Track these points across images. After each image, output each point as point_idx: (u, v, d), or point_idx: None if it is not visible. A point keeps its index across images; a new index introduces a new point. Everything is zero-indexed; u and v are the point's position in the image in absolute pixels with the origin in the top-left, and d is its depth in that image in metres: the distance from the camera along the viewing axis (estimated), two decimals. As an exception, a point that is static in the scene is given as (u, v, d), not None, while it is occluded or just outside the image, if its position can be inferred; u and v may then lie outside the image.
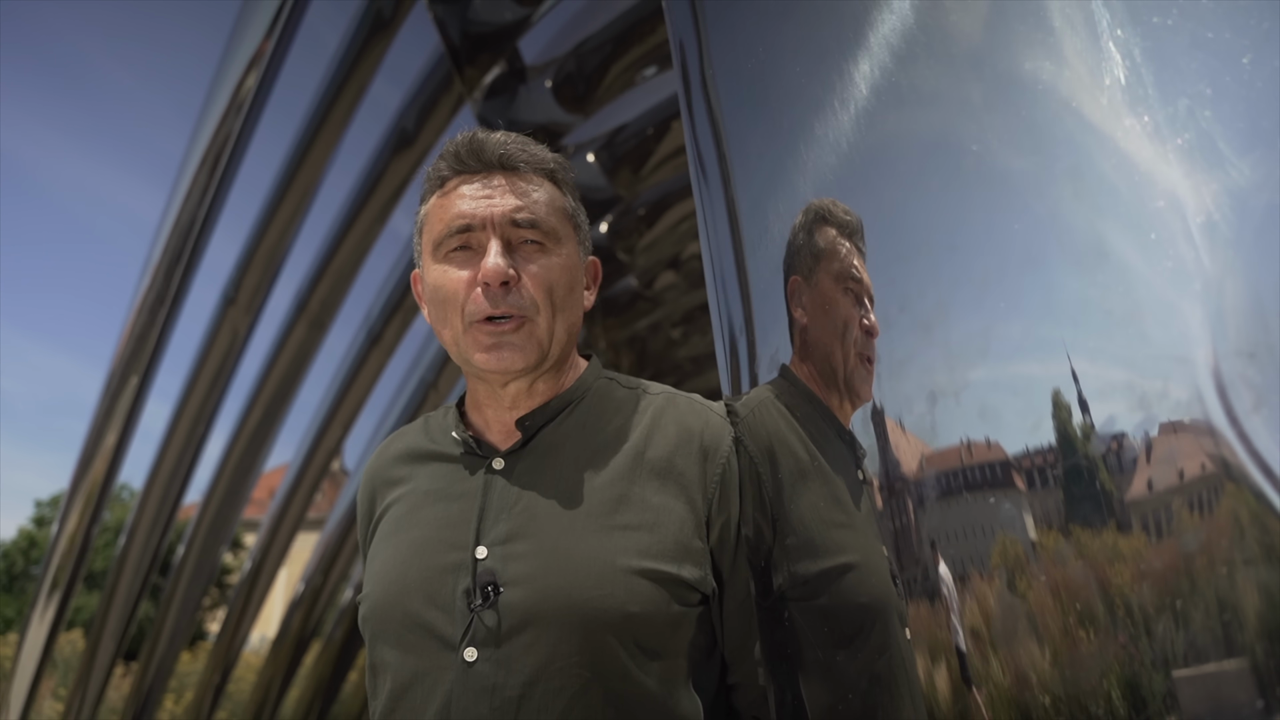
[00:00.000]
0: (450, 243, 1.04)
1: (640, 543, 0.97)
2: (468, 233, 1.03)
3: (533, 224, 1.04)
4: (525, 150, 1.07)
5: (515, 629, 0.94)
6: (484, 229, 1.03)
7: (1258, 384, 0.55)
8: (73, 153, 66.13)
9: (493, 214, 1.03)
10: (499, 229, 1.03)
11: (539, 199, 1.06)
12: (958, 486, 0.77)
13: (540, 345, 1.04)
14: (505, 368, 1.03)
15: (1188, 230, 0.62)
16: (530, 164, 1.07)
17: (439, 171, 1.08)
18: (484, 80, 4.54)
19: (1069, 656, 0.70)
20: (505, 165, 1.06)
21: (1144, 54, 0.67)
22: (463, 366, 1.10)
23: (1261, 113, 0.61)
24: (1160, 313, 0.61)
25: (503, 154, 1.05)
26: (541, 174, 1.08)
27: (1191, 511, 0.61)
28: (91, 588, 15.36)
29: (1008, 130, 0.72)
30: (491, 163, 1.05)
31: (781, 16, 1.11)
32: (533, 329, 1.03)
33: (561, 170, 1.11)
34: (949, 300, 0.73)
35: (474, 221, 1.03)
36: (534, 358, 1.04)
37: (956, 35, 0.79)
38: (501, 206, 1.03)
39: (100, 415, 5.65)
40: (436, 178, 1.09)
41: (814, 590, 0.94)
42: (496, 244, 1.02)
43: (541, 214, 1.05)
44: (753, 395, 1.09)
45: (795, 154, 1.02)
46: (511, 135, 1.08)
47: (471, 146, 1.05)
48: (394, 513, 1.10)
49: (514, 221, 1.03)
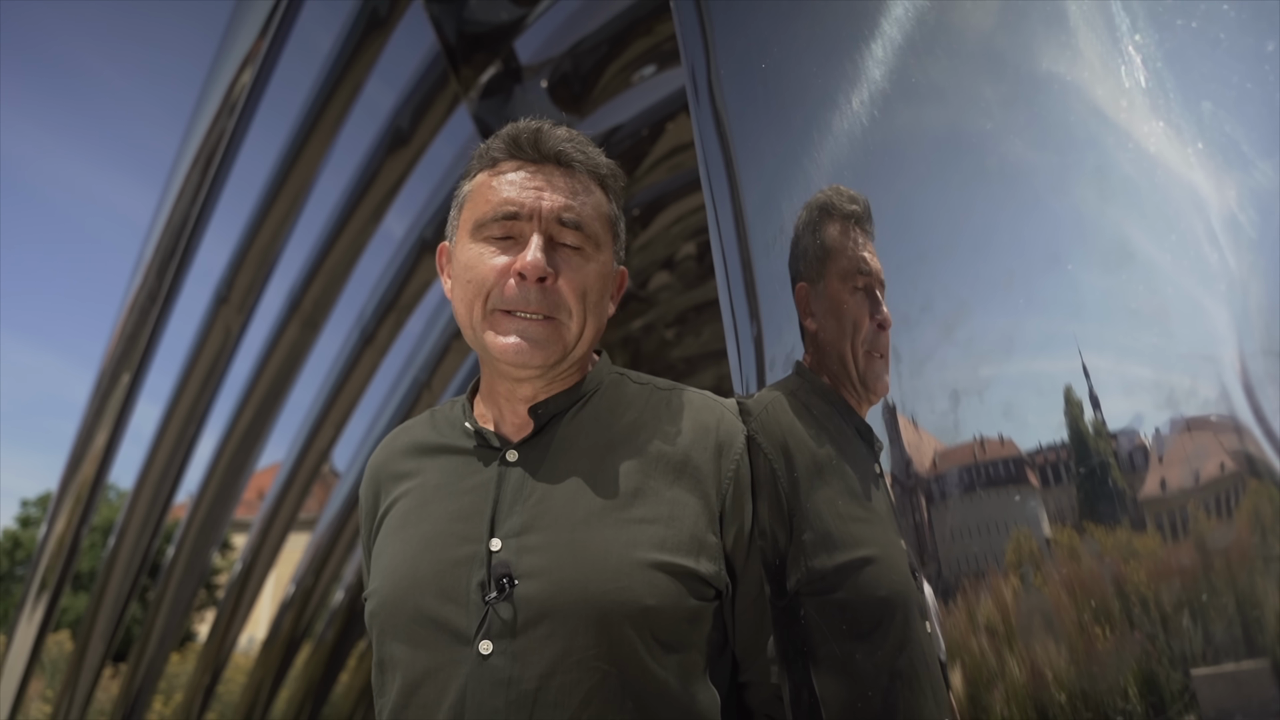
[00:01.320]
0: (493, 227, 1.04)
1: (656, 536, 0.98)
2: (513, 220, 1.03)
3: (577, 225, 1.04)
4: (582, 151, 1.07)
5: (531, 622, 0.94)
6: (530, 220, 1.03)
7: (1285, 382, 0.56)
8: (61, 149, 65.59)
9: (541, 207, 1.03)
10: (544, 223, 1.03)
11: (587, 201, 1.06)
12: (979, 482, 0.77)
13: (564, 347, 1.04)
14: (524, 361, 1.02)
15: (1211, 231, 0.63)
16: (584, 165, 1.07)
17: (491, 151, 1.08)
18: (480, 80, 4.54)
19: (1089, 649, 0.71)
20: (561, 161, 1.06)
21: (1165, 57, 0.68)
22: (479, 352, 1.09)
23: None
24: (1186, 312, 0.62)
25: (560, 150, 1.05)
26: (593, 177, 1.09)
27: (1216, 510, 0.62)
28: (77, 589, 15.23)
29: (1029, 130, 0.73)
30: (548, 155, 1.05)
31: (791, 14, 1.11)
32: (560, 329, 1.03)
33: (612, 178, 1.11)
34: (971, 300, 0.74)
35: (522, 211, 1.03)
36: (554, 357, 1.03)
37: (977, 35, 0.80)
38: (550, 202, 1.03)
39: (90, 415, 5.60)
40: (487, 156, 1.08)
41: (832, 585, 0.95)
42: (539, 238, 1.02)
43: (587, 216, 1.05)
44: (765, 393, 1.09)
45: (808, 150, 1.02)
46: (573, 133, 1.08)
47: (533, 135, 1.05)
48: (401, 507, 1.09)
49: (560, 219, 1.03)
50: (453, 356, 6.46)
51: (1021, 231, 0.72)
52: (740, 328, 1.16)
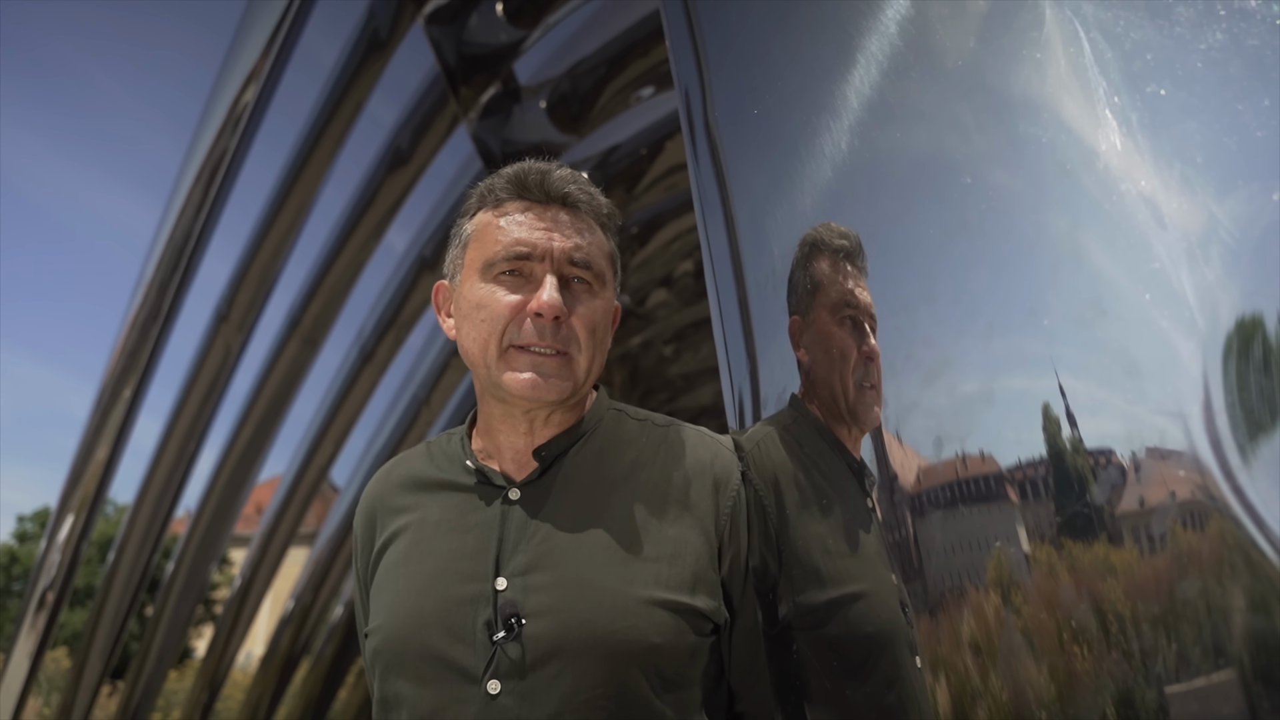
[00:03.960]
0: (504, 265, 1.06)
1: (660, 574, 0.99)
2: (525, 260, 1.05)
3: (587, 264, 1.07)
4: (586, 191, 1.10)
5: (540, 661, 0.95)
6: (543, 260, 1.05)
7: (1253, 442, 0.58)
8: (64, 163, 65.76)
9: (553, 248, 1.05)
10: (557, 264, 1.05)
11: (592, 241, 1.09)
12: (965, 518, 0.80)
13: (576, 382, 1.06)
14: (539, 396, 1.04)
15: (1182, 287, 0.66)
16: (588, 206, 1.10)
17: (496, 191, 1.10)
18: (479, 100, 4.58)
19: (1080, 686, 0.72)
20: (567, 202, 1.08)
21: (1139, 121, 0.71)
22: (487, 388, 1.10)
23: (1256, 177, 0.65)
24: (1157, 365, 0.65)
25: (567, 192, 1.08)
26: (595, 218, 1.11)
27: (1187, 544, 0.64)
28: (74, 605, 15.18)
29: (1010, 187, 0.76)
30: (555, 197, 1.08)
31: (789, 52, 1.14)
32: (572, 365, 1.05)
33: (610, 218, 1.14)
34: (953, 346, 0.76)
35: (534, 252, 1.05)
36: (567, 392, 1.05)
37: (963, 93, 0.82)
38: (562, 243, 1.06)
39: (91, 430, 5.61)
40: (491, 195, 1.10)
41: (822, 620, 0.97)
42: (553, 279, 1.04)
43: (595, 255, 1.08)
44: (758, 428, 1.12)
45: (799, 185, 1.05)
46: (575, 174, 1.10)
47: (540, 177, 1.08)
48: (401, 543, 1.09)
49: (571, 260, 1.06)
50: (451, 374, 6.49)
51: (1002, 281, 0.74)
52: (734, 363, 1.18)
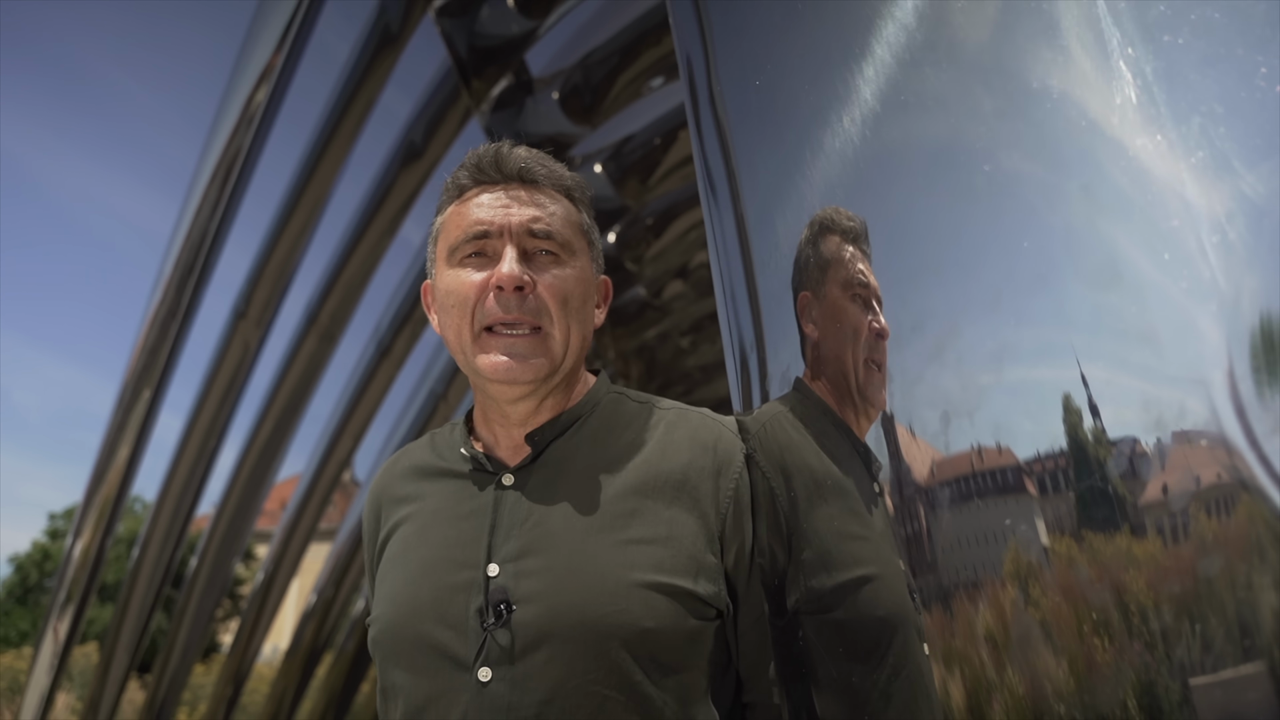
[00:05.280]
0: (466, 248, 1.05)
1: (654, 557, 0.97)
2: (484, 239, 1.05)
3: (548, 234, 1.05)
4: (544, 165, 1.09)
5: (529, 647, 0.93)
6: (500, 236, 1.04)
7: (1274, 405, 0.55)
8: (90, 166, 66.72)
9: (510, 222, 1.04)
10: (516, 237, 1.04)
11: (555, 212, 1.07)
12: (973, 499, 0.76)
13: (553, 358, 1.04)
14: (514, 378, 1.02)
15: (1203, 248, 0.62)
16: (548, 179, 1.09)
17: (458, 181, 1.10)
18: (491, 93, 4.56)
19: (1088, 668, 0.69)
20: (524, 178, 1.08)
21: (1155, 72, 0.67)
22: (470, 377, 1.10)
23: (1276, 129, 0.61)
24: (1176, 332, 0.61)
25: (522, 167, 1.07)
26: (558, 189, 1.10)
27: (1209, 526, 0.60)
28: (106, 600, 15.41)
29: (1019, 148, 0.72)
30: (511, 174, 1.07)
31: (788, 29, 1.11)
32: (546, 340, 1.03)
33: (578, 188, 1.13)
34: (961, 319, 0.73)
35: (491, 228, 1.04)
36: (544, 370, 1.03)
37: (967, 53, 0.79)
38: (519, 216, 1.05)
39: (113, 428, 5.68)
40: (455, 187, 1.10)
41: (829, 605, 0.94)
42: (513, 250, 1.03)
43: (557, 226, 1.06)
44: (764, 410, 1.09)
45: (803, 167, 1.02)
46: (532, 151, 1.10)
47: (494, 157, 1.07)
48: (402, 532, 1.09)
49: (531, 231, 1.05)
50: (468, 367, 6.47)
51: (1011, 248, 0.71)
52: (739, 344, 1.15)
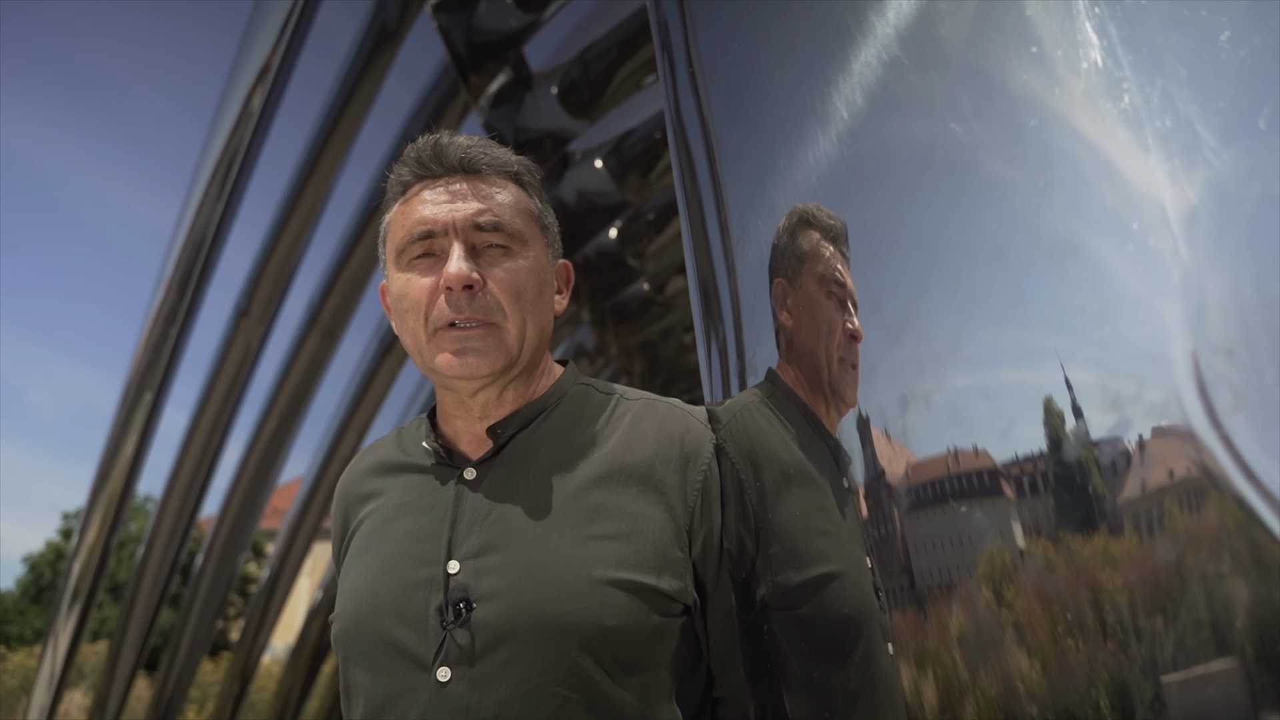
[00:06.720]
0: (413, 249, 1.02)
1: (617, 553, 0.94)
2: (430, 239, 1.01)
3: (496, 227, 1.01)
4: (488, 153, 1.05)
5: (488, 647, 0.91)
6: (446, 234, 1.00)
7: (1237, 382, 0.51)
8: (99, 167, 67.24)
9: (454, 218, 1.00)
10: (461, 233, 1.00)
11: (502, 201, 1.03)
12: (935, 492, 0.73)
13: (508, 351, 1.01)
14: (470, 373, 1.00)
15: (1165, 220, 0.59)
16: (493, 166, 1.05)
17: (400, 177, 1.06)
18: (490, 88, 4.55)
19: (1055, 666, 0.67)
20: (467, 168, 1.03)
21: (1120, 34, 0.63)
22: (429, 375, 1.07)
23: (1240, 94, 0.57)
24: (1135, 309, 0.58)
25: (464, 157, 1.03)
26: (505, 176, 1.06)
27: (1172, 514, 0.57)
28: (116, 599, 15.51)
29: (976, 120, 0.69)
30: (453, 166, 1.03)
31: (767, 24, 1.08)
32: (500, 334, 1.00)
33: (527, 173, 1.09)
34: (918, 300, 0.69)
35: (435, 227, 1.01)
36: (500, 363, 1.01)
37: (925, 19, 0.75)
38: (463, 210, 1.01)
39: (118, 427, 5.70)
40: (398, 184, 1.06)
41: (794, 601, 0.91)
42: (459, 248, 0.99)
43: (505, 217, 1.02)
44: (735, 400, 1.06)
45: (774, 157, 0.99)
46: (474, 138, 1.05)
47: (433, 150, 1.03)
48: (366, 528, 1.07)
49: (477, 225, 1.01)
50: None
51: (968, 226, 0.67)
52: (711, 331, 1.13)
